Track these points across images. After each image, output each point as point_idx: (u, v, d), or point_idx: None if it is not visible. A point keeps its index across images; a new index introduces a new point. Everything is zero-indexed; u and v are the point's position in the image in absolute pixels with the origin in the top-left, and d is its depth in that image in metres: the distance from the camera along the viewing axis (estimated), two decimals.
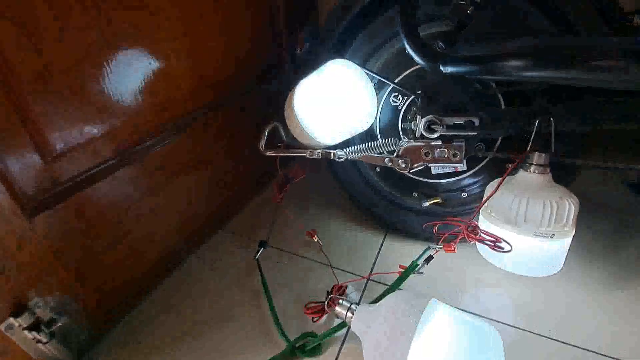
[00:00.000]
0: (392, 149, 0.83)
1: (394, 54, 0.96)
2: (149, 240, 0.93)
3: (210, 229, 1.15)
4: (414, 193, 1.04)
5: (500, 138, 0.89)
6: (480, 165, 0.95)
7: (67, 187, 0.71)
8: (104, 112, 0.75)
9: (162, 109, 0.89)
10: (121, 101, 0.78)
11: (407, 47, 0.76)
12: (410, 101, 0.95)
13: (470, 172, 0.96)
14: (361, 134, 0.93)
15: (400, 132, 0.98)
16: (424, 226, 0.94)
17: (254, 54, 1.14)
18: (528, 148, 0.76)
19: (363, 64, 1.00)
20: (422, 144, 0.84)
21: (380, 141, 0.83)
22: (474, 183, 0.98)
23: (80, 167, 0.73)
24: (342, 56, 0.88)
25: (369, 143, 0.84)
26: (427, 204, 0.99)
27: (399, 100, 0.97)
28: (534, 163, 0.76)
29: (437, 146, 0.83)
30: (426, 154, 0.83)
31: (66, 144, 0.69)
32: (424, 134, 0.82)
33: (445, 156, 0.83)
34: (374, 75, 0.91)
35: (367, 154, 0.86)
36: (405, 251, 1.04)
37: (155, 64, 0.83)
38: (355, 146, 0.86)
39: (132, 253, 0.89)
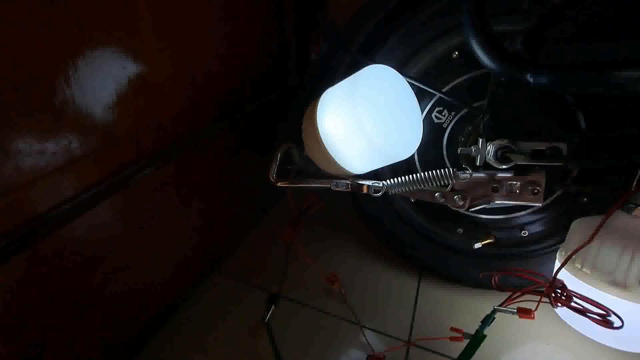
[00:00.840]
0: (449, 182, 0.63)
1: (438, 59, 0.77)
2: (131, 295, 0.70)
3: (205, 271, 0.92)
4: (458, 229, 0.84)
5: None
6: (554, 197, 0.76)
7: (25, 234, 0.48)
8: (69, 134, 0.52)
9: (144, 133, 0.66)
10: (93, 119, 0.55)
11: (478, 49, 0.56)
12: (460, 118, 0.76)
13: (532, 210, 0.77)
14: None
15: (446, 158, 0.78)
16: (480, 276, 0.74)
17: (257, 60, 0.92)
18: (634, 185, 0.58)
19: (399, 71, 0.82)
20: (486, 176, 0.65)
21: (435, 172, 0.63)
22: (537, 220, 0.79)
23: (39, 207, 0.50)
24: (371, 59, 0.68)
25: (418, 174, 0.64)
26: (478, 245, 0.79)
27: (444, 116, 0.77)
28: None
29: (508, 179, 0.64)
30: (495, 189, 0.64)
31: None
32: (492, 163, 0.62)
33: (518, 191, 0.64)
34: (417, 84, 0.72)
35: (413, 188, 0.65)
36: (448, 301, 0.85)
37: (140, 79, 0.61)
38: (398, 178, 0.66)
39: (111, 314, 0.66)
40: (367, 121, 0.60)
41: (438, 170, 0.63)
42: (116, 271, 0.65)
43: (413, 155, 0.82)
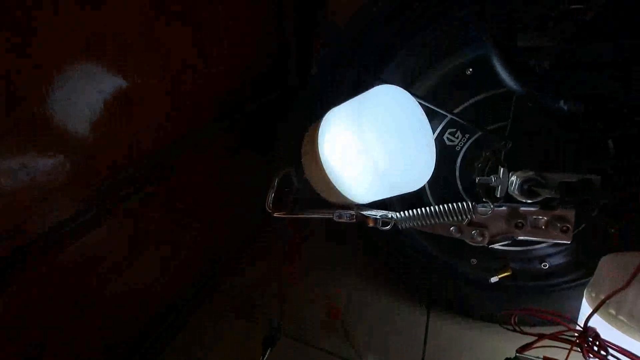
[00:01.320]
0: (466, 216, 0.57)
1: (450, 75, 0.71)
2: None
3: (195, 302, 0.85)
4: (472, 260, 0.78)
5: None
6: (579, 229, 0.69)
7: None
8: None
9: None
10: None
11: (502, 69, 0.50)
12: (475, 141, 0.69)
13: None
14: None
15: (459, 184, 0.72)
16: (499, 315, 0.67)
17: (257, 60, 0.85)
18: None
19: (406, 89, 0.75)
20: (508, 210, 0.58)
21: (452, 207, 0.56)
22: (560, 252, 0.72)
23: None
24: (377, 77, 0.61)
25: (433, 208, 0.57)
26: (495, 279, 0.72)
27: (457, 138, 0.71)
28: None
29: (532, 213, 0.57)
30: (518, 225, 0.57)
31: None
32: (517, 196, 0.56)
33: (544, 227, 0.57)
34: (428, 105, 0.65)
35: (426, 223, 0.59)
36: (461, 340, 0.78)
37: (125, 98, 0.54)
38: (411, 211, 0.59)
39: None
40: (375, 147, 0.53)
41: (456, 205, 0.56)
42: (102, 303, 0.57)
43: None
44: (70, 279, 0.53)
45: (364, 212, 0.63)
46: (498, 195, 0.59)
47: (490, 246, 0.60)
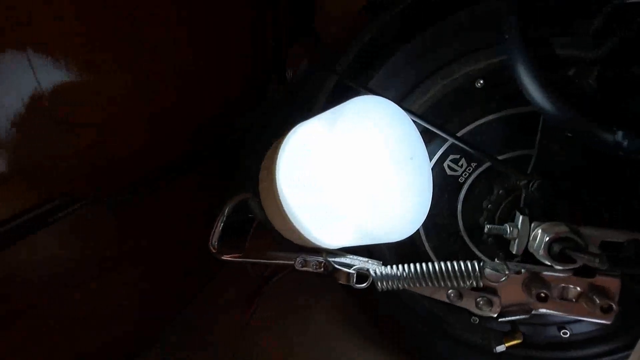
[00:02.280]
0: (472, 282, 0.41)
1: (455, 88, 0.56)
2: None
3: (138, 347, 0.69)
4: (472, 318, 0.62)
5: None
6: None
7: None
8: None
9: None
10: None
11: (531, 87, 0.35)
12: (485, 172, 0.54)
13: None
14: None
15: (461, 225, 0.56)
16: None
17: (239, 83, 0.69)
18: None
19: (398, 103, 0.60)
20: (527, 273, 0.42)
21: (453, 268, 0.41)
22: None
23: None
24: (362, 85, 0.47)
25: (425, 267, 0.42)
26: (502, 348, 0.57)
27: (460, 167, 0.56)
28: None
29: (562, 281, 0.42)
30: (541, 296, 0.42)
31: None
32: (544, 259, 0.40)
33: (576, 300, 0.42)
34: (424, 124, 0.50)
35: (413, 284, 0.43)
36: None
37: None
38: (395, 269, 0.44)
39: None
40: (337, 184, 0.38)
41: (457, 265, 0.41)
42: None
43: None
44: None
45: (335, 262, 0.48)
46: (514, 252, 0.44)
47: (501, 320, 0.44)
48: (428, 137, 0.58)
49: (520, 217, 0.42)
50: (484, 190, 0.53)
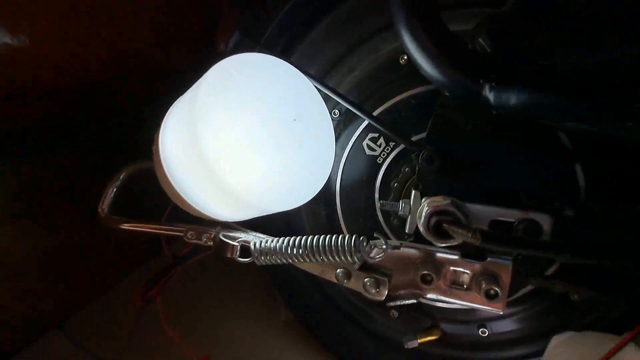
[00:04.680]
0: (352, 259, 0.37)
1: (379, 63, 0.53)
2: None
3: (45, 324, 0.65)
4: (392, 311, 0.58)
5: None
6: (527, 290, 0.49)
7: None
8: None
9: None
10: None
11: (410, 44, 0.32)
12: (402, 153, 0.50)
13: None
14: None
15: (377, 208, 0.53)
16: None
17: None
18: None
19: (323, 77, 0.57)
20: (419, 253, 0.39)
21: (327, 241, 0.37)
22: (509, 315, 0.52)
23: None
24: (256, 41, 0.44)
25: (300, 240, 0.39)
26: (414, 344, 0.53)
27: (379, 146, 0.52)
28: None
29: (450, 263, 0.38)
30: (426, 277, 0.38)
31: None
32: (425, 234, 0.37)
33: (467, 286, 0.38)
34: (337, 98, 0.47)
35: (301, 259, 0.39)
36: None
37: None
38: (273, 243, 0.40)
39: None
40: (209, 148, 0.35)
41: (335, 238, 0.38)
42: None
43: (335, 201, 0.56)
44: None
45: (225, 236, 0.44)
46: (407, 231, 0.40)
47: (389, 304, 0.41)
48: (348, 116, 0.55)
49: (413, 193, 0.39)
50: (395, 168, 0.50)
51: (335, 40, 0.55)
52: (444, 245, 0.35)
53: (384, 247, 0.37)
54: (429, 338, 0.54)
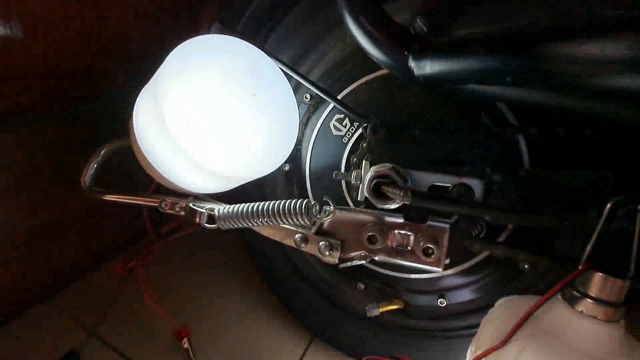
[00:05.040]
0: (303, 221, 0.41)
1: (345, 51, 0.57)
2: None
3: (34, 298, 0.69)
4: (358, 284, 0.61)
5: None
6: (480, 258, 0.53)
7: None
8: None
9: None
10: None
11: (352, 27, 0.35)
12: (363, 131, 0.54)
13: (457, 267, 0.54)
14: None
15: (344, 189, 0.56)
16: None
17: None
18: (583, 260, 0.36)
19: (296, 64, 0.61)
20: (366, 217, 0.42)
21: (281, 205, 0.41)
22: (462, 286, 0.56)
23: None
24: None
25: (260, 206, 0.42)
26: (376, 312, 0.56)
27: (344, 127, 0.56)
28: (593, 295, 0.35)
29: (393, 226, 0.41)
30: (371, 239, 0.41)
31: None
32: (370, 198, 0.40)
33: (410, 248, 0.41)
34: (303, 81, 0.50)
35: (256, 223, 0.43)
36: None
37: None
38: (235, 208, 0.44)
39: None
40: (172, 123, 0.39)
41: (286, 202, 0.41)
42: None
43: (306, 180, 0.60)
44: None
45: (195, 205, 0.48)
46: (359, 198, 0.44)
47: (342, 266, 0.44)
48: (320, 101, 0.59)
49: (363, 163, 0.43)
50: (358, 146, 0.53)
51: (306, 29, 0.59)
52: (384, 206, 0.39)
53: (330, 208, 0.40)
54: (391, 307, 0.58)
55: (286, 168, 0.61)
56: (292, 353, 0.65)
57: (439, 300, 0.57)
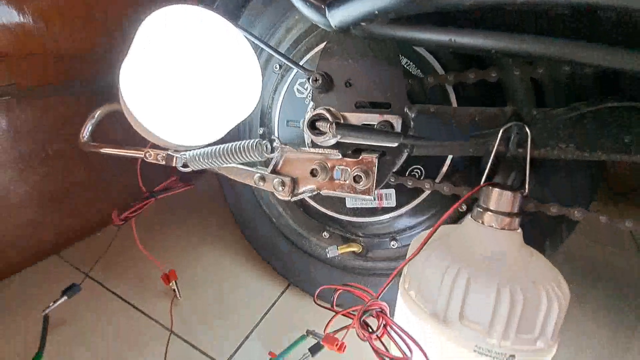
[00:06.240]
0: (257, 157, 0.49)
1: (307, 24, 0.64)
2: None
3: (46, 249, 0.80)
4: (323, 233, 0.69)
5: (449, 161, 0.55)
6: (422, 198, 0.59)
7: None
8: None
9: None
10: None
11: None
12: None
13: (406, 208, 0.61)
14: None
15: (306, 140, 0.64)
16: (317, 292, 0.57)
17: None
18: (483, 178, 0.42)
19: (267, 37, 0.69)
20: (311, 156, 0.50)
21: (237, 145, 0.48)
22: (413, 227, 0.62)
23: None
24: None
25: (221, 147, 0.50)
26: (335, 252, 0.63)
27: (306, 90, 0.63)
28: (491, 208, 0.41)
29: (334, 162, 0.49)
30: (314, 172, 0.49)
31: None
32: (313, 138, 0.48)
33: (346, 180, 0.48)
34: (268, 49, 0.58)
35: (219, 162, 0.51)
36: (303, 316, 0.68)
37: None
38: (204, 150, 0.52)
39: None
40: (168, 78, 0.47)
41: (242, 142, 0.49)
42: None
43: (277, 136, 0.68)
44: None
45: (172, 152, 0.57)
46: (306, 141, 0.51)
47: (293, 199, 0.52)
48: (285, 69, 0.67)
49: (310, 105, 0.50)
50: None
51: (273, 5, 0.67)
52: (322, 142, 0.46)
53: (276, 144, 0.48)
54: (349, 249, 0.64)
55: (260, 131, 0.69)
56: (268, 297, 0.72)
57: (392, 243, 0.63)
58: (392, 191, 0.59)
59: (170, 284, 0.70)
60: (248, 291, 0.73)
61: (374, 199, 0.60)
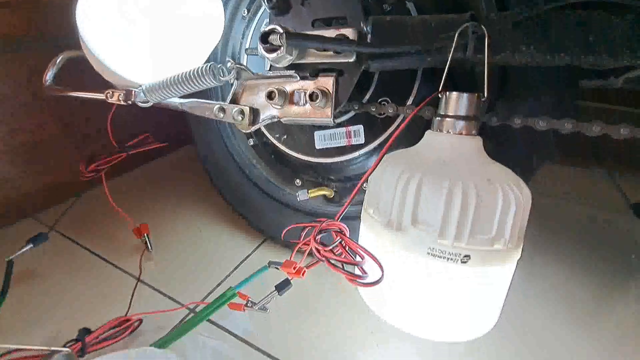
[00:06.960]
0: (212, 83, 0.47)
1: None
2: None
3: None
4: (296, 180, 0.67)
5: (416, 89, 0.53)
6: (390, 132, 0.57)
7: None
8: None
9: None
10: None
11: None
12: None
13: (375, 144, 0.59)
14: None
15: (265, 66, 0.62)
16: (284, 233, 0.55)
17: None
18: (441, 85, 0.40)
19: None
20: (269, 80, 0.48)
21: (192, 70, 0.47)
22: None
23: None
24: None
25: (177, 74, 0.48)
26: (305, 196, 0.62)
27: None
28: (449, 114, 0.39)
29: (292, 86, 0.47)
30: (270, 94, 0.47)
31: None
32: (266, 55, 0.46)
33: (304, 103, 0.47)
34: None
35: (177, 91, 0.49)
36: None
37: None
38: (159, 80, 0.50)
39: None
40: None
41: (196, 68, 0.47)
42: None
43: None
44: None
45: (127, 89, 0.55)
46: (265, 68, 0.50)
47: (253, 128, 0.50)
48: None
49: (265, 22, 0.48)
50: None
51: None
52: (272, 55, 0.44)
53: (231, 65, 0.46)
54: (319, 193, 0.63)
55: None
56: (242, 251, 0.71)
57: (365, 185, 0.61)
58: (361, 127, 0.57)
59: (143, 238, 0.69)
60: (222, 246, 0.72)
61: (344, 137, 0.59)
